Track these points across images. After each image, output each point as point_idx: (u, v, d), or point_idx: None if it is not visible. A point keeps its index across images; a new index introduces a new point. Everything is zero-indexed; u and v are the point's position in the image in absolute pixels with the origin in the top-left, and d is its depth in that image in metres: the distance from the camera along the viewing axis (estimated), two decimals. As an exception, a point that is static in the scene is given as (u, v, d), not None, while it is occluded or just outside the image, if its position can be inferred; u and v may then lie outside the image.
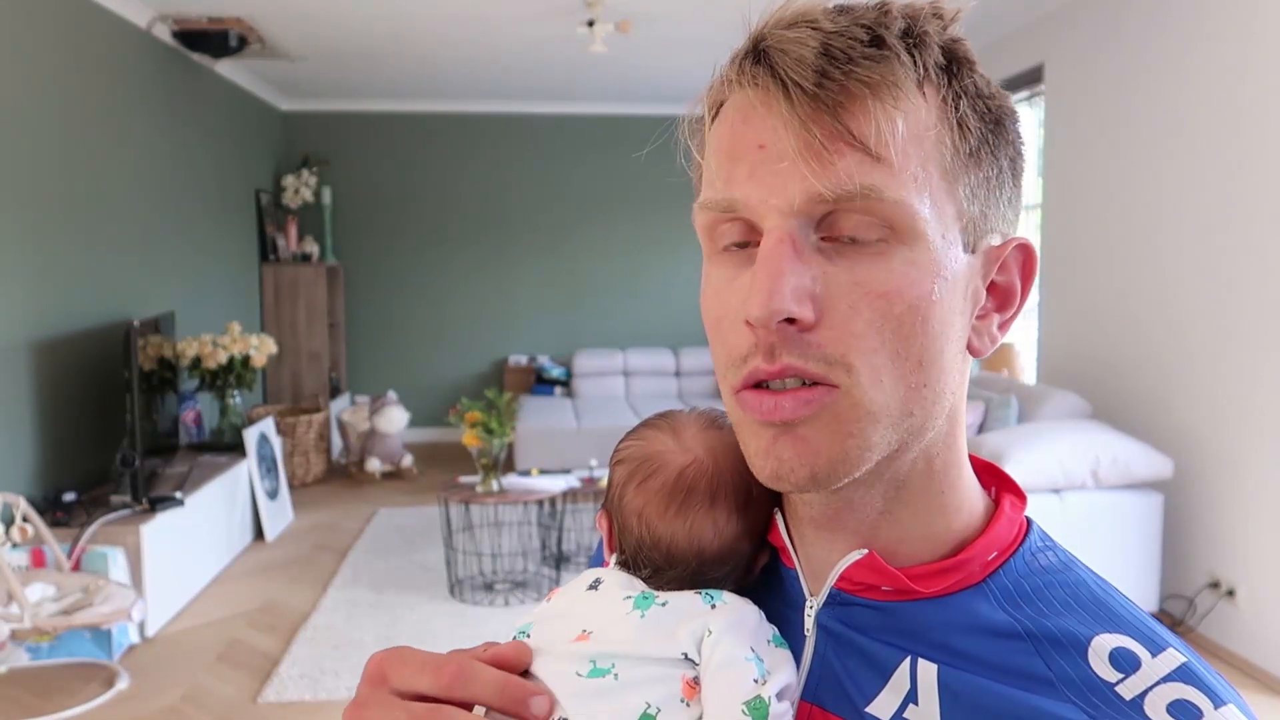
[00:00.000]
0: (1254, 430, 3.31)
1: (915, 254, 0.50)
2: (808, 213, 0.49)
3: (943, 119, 0.51)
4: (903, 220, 0.49)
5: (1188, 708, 0.48)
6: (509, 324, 7.37)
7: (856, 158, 0.48)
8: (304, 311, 6.55)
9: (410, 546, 4.69)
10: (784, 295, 0.48)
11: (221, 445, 4.82)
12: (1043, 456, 3.43)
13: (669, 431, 0.62)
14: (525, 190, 7.30)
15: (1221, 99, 3.45)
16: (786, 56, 0.49)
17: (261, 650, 3.50)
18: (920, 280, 0.50)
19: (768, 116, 0.50)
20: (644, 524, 0.60)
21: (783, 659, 0.56)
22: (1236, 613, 3.41)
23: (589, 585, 0.60)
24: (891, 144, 0.48)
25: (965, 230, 0.52)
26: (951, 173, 0.51)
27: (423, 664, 0.52)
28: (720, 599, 0.57)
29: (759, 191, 0.50)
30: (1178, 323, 3.70)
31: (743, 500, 0.59)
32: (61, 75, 3.89)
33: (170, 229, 4.94)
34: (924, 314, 0.50)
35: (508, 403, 4.17)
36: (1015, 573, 0.55)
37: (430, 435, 7.19)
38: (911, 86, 0.49)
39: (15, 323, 3.54)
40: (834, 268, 0.50)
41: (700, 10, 4.63)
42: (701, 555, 0.59)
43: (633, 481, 0.61)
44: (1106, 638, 0.51)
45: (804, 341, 0.49)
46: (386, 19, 4.80)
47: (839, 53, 0.48)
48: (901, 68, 0.49)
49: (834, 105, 0.48)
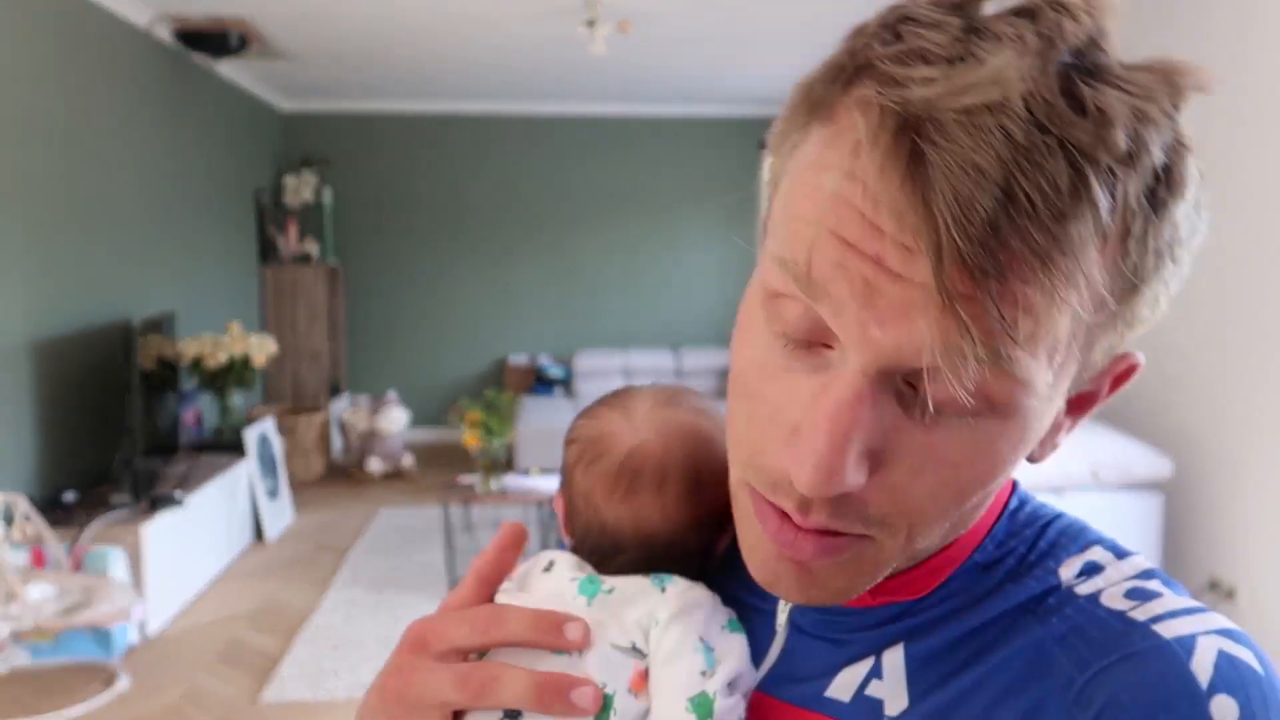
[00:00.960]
0: (1254, 430, 3.31)
1: (1007, 427, 0.41)
2: (904, 366, 0.39)
3: (1114, 270, 0.39)
4: (1009, 402, 0.40)
5: (1144, 592, 0.45)
6: (509, 324, 7.38)
7: (989, 333, 0.37)
8: (304, 312, 6.55)
9: (410, 546, 4.69)
10: (844, 473, 0.39)
11: (221, 445, 4.82)
12: (1043, 456, 3.43)
13: (621, 410, 0.59)
14: (525, 190, 7.30)
15: (1221, 99, 3.45)
16: (954, 173, 0.35)
17: (261, 650, 3.50)
18: (1002, 451, 0.42)
19: (895, 223, 0.37)
20: (590, 507, 0.57)
21: (735, 645, 0.53)
22: (1236, 613, 3.41)
23: (544, 568, 0.58)
24: (1044, 330, 0.38)
25: (1076, 379, 0.43)
26: (1091, 333, 0.41)
27: (459, 619, 0.52)
28: (670, 582, 0.54)
29: (862, 310, 0.38)
30: (1177, 322, 3.70)
31: (692, 485, 0.56)
32: (61, 75, 3.89)
33: (171, 229, 4.94)
34: (994, 477, 0.43)
35: (508, 403, 4.17)
36: (996, 538, 0.51)
37: (430, 435, 7.19)
38: (1094, 240, 0.37)
39: (15, 323, 3.54)
40: (908, 421, 0.41)
41: (700, 10, 4.63)
42: (649, 542, 0.56)
43: (581, 462, 0.58)
44: (1078, 556, 0.49)
45: (845, 502, 0.42)
46: (386, 19, 4.80)
47: (1023, 201, 0.35)
48: (1094, 220, 0.36)
49: (996, 271, 0.36)
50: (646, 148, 7.28)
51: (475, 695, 0.49)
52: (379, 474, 6.10)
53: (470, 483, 4.21)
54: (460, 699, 0.50)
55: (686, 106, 7.11)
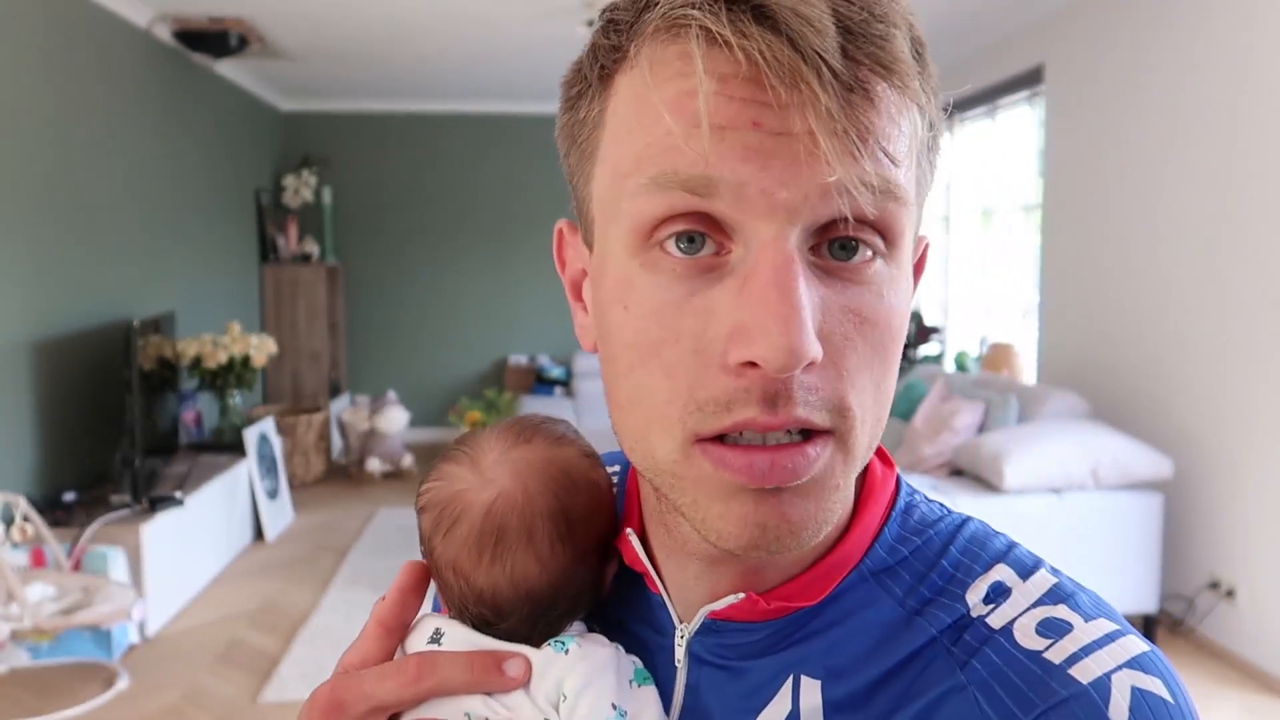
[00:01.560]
0: (1254, 430, 3.31)
1: (895, 272, 0.44)
2: (815, 219, 0.40)
3: (922, 117, 0.43)
4: (901, 233, 0.43)
5: (1057, 624, 0.45)
6: (509, 324, 7.38)
7: (875, 158, 0.40)
8: (304, 311, 6.55)
9: (410, 546, 4.69)
10: (808, 333, 0.39)
11: (221, 445, 4.82)
12: (1042, 456, 3.43)
13: (467, 463, 0.53)
14: (525, 190, 7.30)
15: (1222, 99, 3.45)
16: (803, 22, 0.39)
17: (261, 650, 3.50)
18: (900, 307, 0.44)
19: (766, 91, 0.39)
20: (460, 577, 0.52)
21: (647, 700, 0.50)
22: (1236, 613, 3.41)
23: (429, 639, 0.53)
24: (907, 141, 0.41)
25: (914, 238, 0.47)
26: (923, 175, 0.45)
27: (381, 674, 0.49)
28: (570, 643, 0.51)
29: (762, 177, 0.39)
30: (1178, 323, 3.70)
31: (564, 528, 0.51)
32: (61, 75, 3.89)
33: (170, 229, 4.94)
34: (899, 343, 0.44)
35: (508, 403, 4.17)
36: (890, 540, 0.50)
37: (430, 435, 7.19)
38: (912, 70, 0.42)
39: (15, 323, 3.54)
40: (827, 290, 0.42)
41: (700, 10, 4.63)
42: (532, 598, 0.51)
43: (439, 532, 0.53)
44: (983, 576, 0.48)
45: (805, 385, 0.41)
46: (386, 19, 4.80)
47: (853, 25, 0.40)
48: (902, 45, 0.41)
49: (861, 90, 0.40)
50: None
51: None
52: (379, 474, 6.10)
53: (470, 483, 4.20)
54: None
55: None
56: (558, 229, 0.54)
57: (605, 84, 0.45)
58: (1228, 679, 3.27)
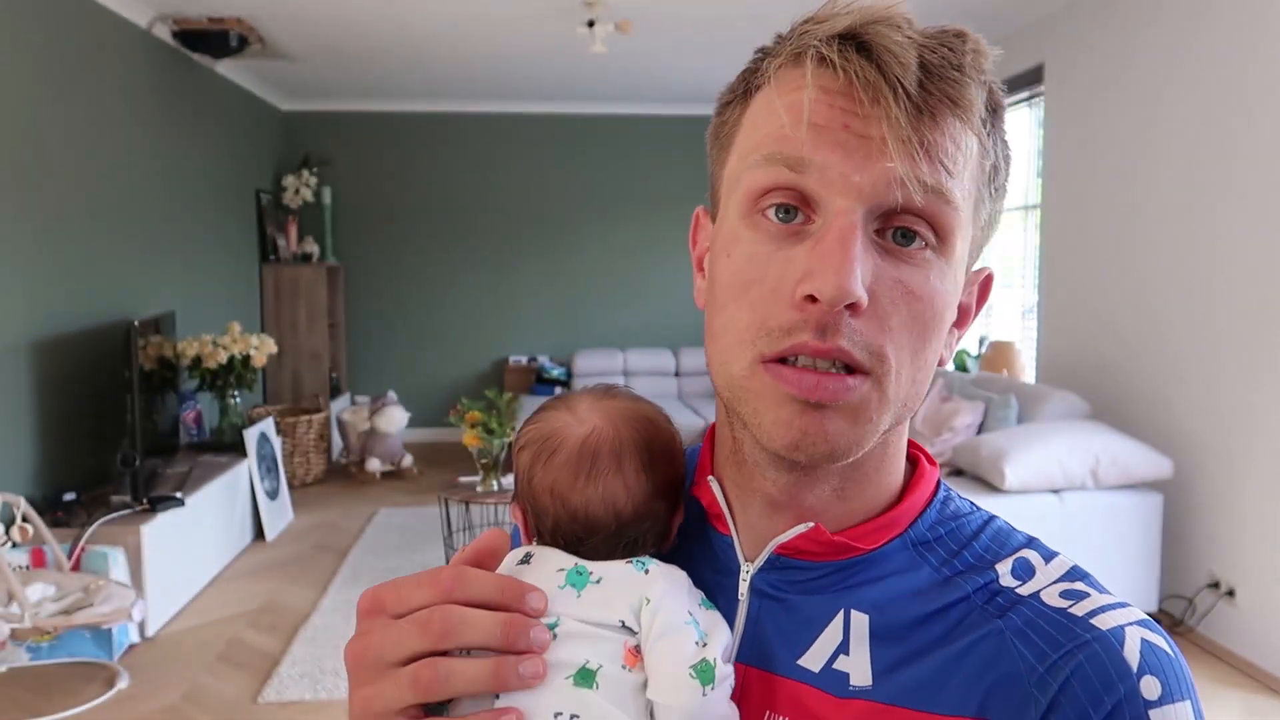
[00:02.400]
0: (1253, 430, 3.31)
1: (947, 268, 0.55)
2: (879, 202, 0.52)
3: (983, 153, 0.55)
4: (950, 232, 0.54)
5: (1076, 593, 0.56)
6: (509, 324, 7.37)
7: (934, 165, 0.52)
8: (304, 311, 6.55)
9: (410, 546, 4.69)
10: (857, 279, 0.51)
11: (221, 445, 4.82)
12: (1042, 456, 3.43)
13: (564, 409, 0.64)
14: (526, 190, 7.30)
15: (1222, 99, 3.45)
16: (891, 56, 0.51)
17: (261, 650, 3.50)
18: (945, 293, 0.55)
19: (856, 104, 0.52)
20: (557, 499, 0.60)
21: (716, 621, 0.58)
22: (1236, 613, 3.41)
23: (519, 560, 0.60)
24: (962, 161, 0.53)
25: (971, 254, 0.58)
26: (980, 202, 0.56)
27: (418, 581, 0.54)
28: (651, 564, 0.58)
29: (844, 164, 0.52)
30: (1178, 323, 3.70)
31: (647, 459, 0.61)
32: (61, 75, 3.89)
33: (170, 229, 4.94)
34: (941, 323, 0.55)
35: (508, 403, 4.17)
36: (930, 520, 0.61)
37: (430, 435, 7.19)
38: (971, 116, 0.53)
39: (15, 323, 3.54)
40: (883, 263, 0.53)
41: (700, 10, 4.63)
42: (619, 517, 0.60)
43: (539, 462, 0.62)
44: (1007, 560, 0.59)
45: (852, 329, 0.52)
46: (386, 19, 4.80)
47: (933, 67, 0.52)
48: (974, 94, 0.53)
49: (929, 114, 0.52)
50: (646, 148, 7.28)
51: (440, 636, 0.51)
52: (379, 474, 6.10)
53: (470, 483, 4.21)
54: (425, 643, 0.52)
55: (686, 106, 7.10)
56: (695, 214, 0.67)
57: (746, 96, 0.58)
58: (1227, 679, 3.27)
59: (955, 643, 0.55)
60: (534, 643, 0.52)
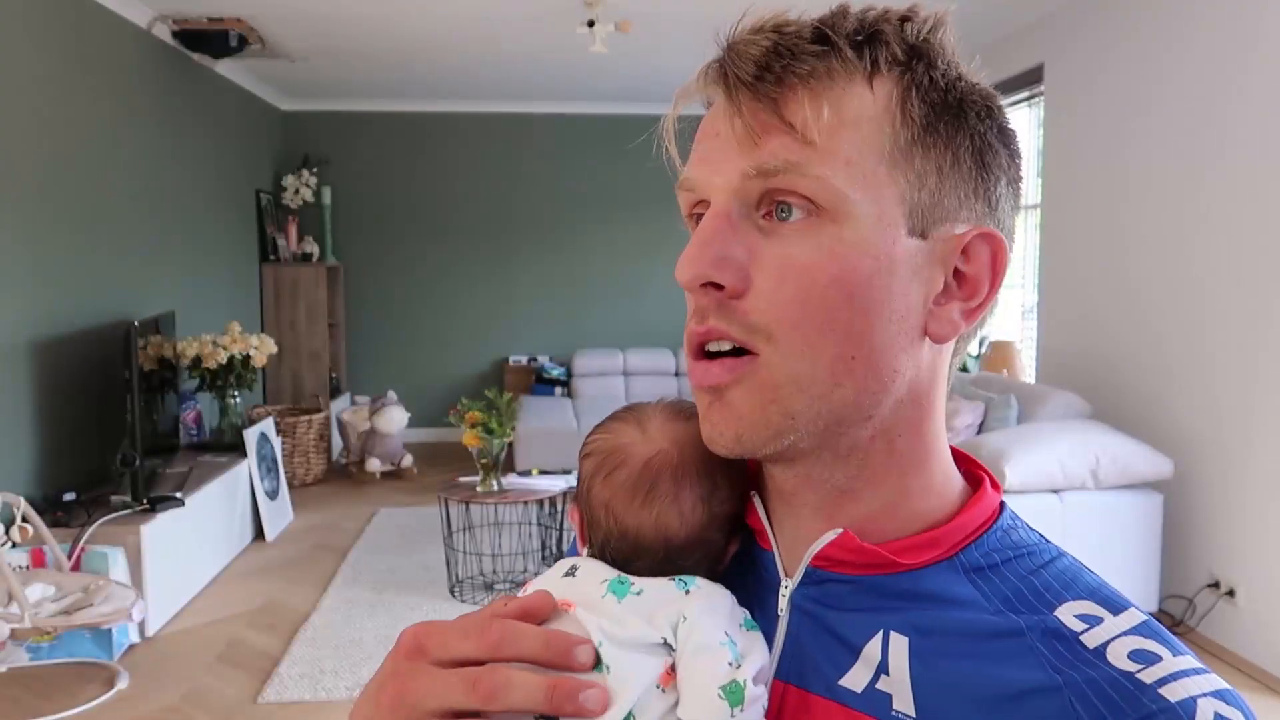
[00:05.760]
0: (1253, 430, 3.31)
1: (844, 232, 0.52)
2: (743, 190, 0.53)
3: (887, 109, 0.53)
4: (828, 198, 0.52)
5: (1147, 655, 0.50)
6: (509, 324, 7.38)
7: (785, 140, 0.52)
8: (304, 311, 6.55)
9: (410, 546, 4.69)
10: (704, 260, 0.53)
11: (221, 445, 4.82)
12: (1042, 456, 3.43)
13: (635, 424, 0.63)
14: (525, 190, 7.30)
15: (1221, 98, 3.45)
16: (737, 56, 0.53)
17: (261, 650, 3.50)
18: (848, 257, 0.52)
19: (721, 109, 0.55)
20: (611, 516, 0.60)
21: (755, 642, 0.57)
22: (1236, 613, 3.41)
23: (565, 572, 0.60)
24: (816, 127, 0.52)
25: (910, 215, 0.53)
26: (891, 159, 0.53)
27: (464, 630, 0.53)
28: (694, 584, 0.58)
29: (704, 171, 0.56)
30: (1178, 322, 3.70)
31: (708, 490, 0.60)
32: (61, 75, 3.89)
33: (170, 229, 4.94)
34: (850, 290, 0.53)
35: (508, 403, 4.17)
36: (987, 547, 0.57)
37: (430, 435, 7.19)
38: (850, 78, 0.53)
39: (15, 323, 3.54)
40: (766, 242, 0.53)
41: (700, 10, 4.63)
42: (669, 544, 0.59)
43: (600, 474, 0.61)
44: (1072, 604, 0.53)
45: (731, 309, 0.53)
46: (386, 19, 4.80)
47: (785, 50, 0.53)
48: (841, 62, 0.53)
49: (769, 96, 0.52)
50: (646, 147, 7.26)
51: (487, 698, 0.50)
52: (379, 474, 6.10)
53: (470, 483, 4.21)
54: (470, 702, 0.50)
55: (686, 106, 7.09)
56: None
57: None
58: (1227, 679, 3.25)
59: (1006, 683, 0.51)
60: (584, 702, 0.51)
